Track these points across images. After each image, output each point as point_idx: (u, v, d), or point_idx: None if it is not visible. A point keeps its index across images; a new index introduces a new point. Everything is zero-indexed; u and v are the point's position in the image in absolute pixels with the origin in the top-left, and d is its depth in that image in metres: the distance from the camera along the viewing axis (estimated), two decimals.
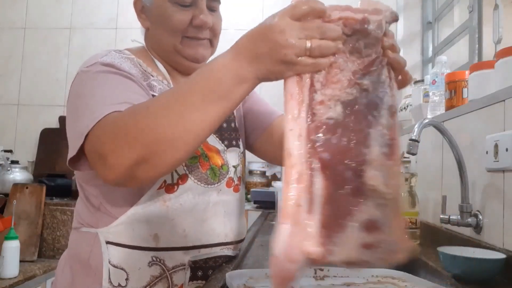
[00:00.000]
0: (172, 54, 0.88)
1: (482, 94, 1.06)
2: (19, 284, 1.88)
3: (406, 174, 1.29)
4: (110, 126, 0.63)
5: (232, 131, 0.94)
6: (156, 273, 0.79)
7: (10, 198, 2.21)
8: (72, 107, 0.77)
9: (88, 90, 0.73)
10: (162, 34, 0.86)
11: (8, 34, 3.24)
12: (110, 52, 0.82)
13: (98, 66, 0.76)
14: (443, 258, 0.88)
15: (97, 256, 0.79)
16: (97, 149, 0.64)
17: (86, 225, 0.83)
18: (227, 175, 0.88)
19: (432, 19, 1.97)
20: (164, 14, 0.84)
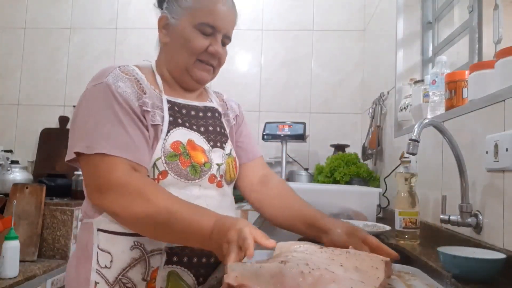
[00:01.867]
0: (182, 72, 1.02)
1: (482, 94, 1.06)
2: (19, 284, 1.88)
3: (406, 174, 1.30)
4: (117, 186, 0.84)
5: (218, 134, 1.07)
6: (136, 256, 0.90)
7: (10, 198, 2.21)
8: (77, 122, 0.91)
9: (93, 113, 0.89)
10: (179, 52, 1.00)
11: (8, 34, 3.24)
12: (115, 69, 0.95)
13: (102, 88, 0.90)
14: (443, 258, 0.88)
15: (90, 242, 0.92)
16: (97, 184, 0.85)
17: (86, 217, 0.95)
18: (209, 172, 0.99)
19: (432, 19, 1.97)
20: (186, 37, 0.99)
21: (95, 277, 0.90)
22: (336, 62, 3.01)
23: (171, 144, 0.94)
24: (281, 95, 3.02)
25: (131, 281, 0.89)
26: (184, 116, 1.01)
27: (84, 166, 0.88)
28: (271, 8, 3.09)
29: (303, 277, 0.61)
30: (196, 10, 0.99)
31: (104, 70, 0.95)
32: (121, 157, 0.85)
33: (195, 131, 1.00)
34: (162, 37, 1.03)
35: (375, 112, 2.26)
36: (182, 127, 0.98)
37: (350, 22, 3.02)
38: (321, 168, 2.34)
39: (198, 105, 1.06)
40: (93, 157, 0.85)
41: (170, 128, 0.95)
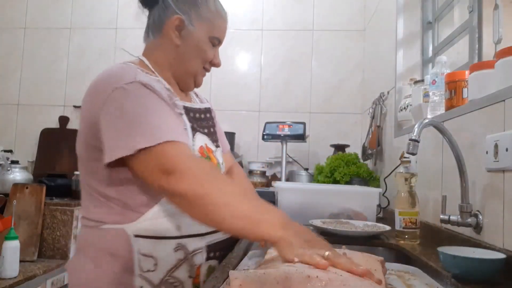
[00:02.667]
0: (189, 76, 1.07)
1: (482, 94, 1.06)
2: (19, 284, 1.88)
3: (406, 174, 1.30)
4: (192, 165, 0.83)
5: (215, 134, 1.13)
6: (180, 257, 0.93)
7: (10, 198, 2.21)
8: (119, 121, 0.87)
9: (135, 110, 0.87)
10: (192, 59, 1.05)
11: (8, 34, 3.24)
12: (136, 70, 0.94)
13: (140, 86, 0.90)
14: (443, 258, 0.88)
15: (125, 247, 0.90)
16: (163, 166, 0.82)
17: (110, 222, 0.93)
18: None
19: (432, 19, 1.96)
20: (202, 46, 1.04)
21: (139, 282, 0.90)
22: (336, 62, 3.01)
23: (198, 149, 1.00)
24: (281, 95, 3.02)
25: (178, 280, 0.93)
26: (196, 121, 1.05)
27: (146, 157, 0.83)
28: (271, 8, 3.09)
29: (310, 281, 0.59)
30: (214, 24, 1.05)
31: (124, 70, 0.93)
32: (183, 143, 0.87)
33: (204, 134, 1.06)
34: (173, 38, 1.03)
35: (375, 112, 2.26)
36: (198, 132, 1.03)
37: (350, 22, 3.02)
38: (321, 168, 2.34)
39: (200, 108, 1.10)
40: (156, 147, 0.83)
41: (193, 133, 1.00)
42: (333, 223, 1.47)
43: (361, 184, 2.11)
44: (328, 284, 0.59)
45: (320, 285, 0.59)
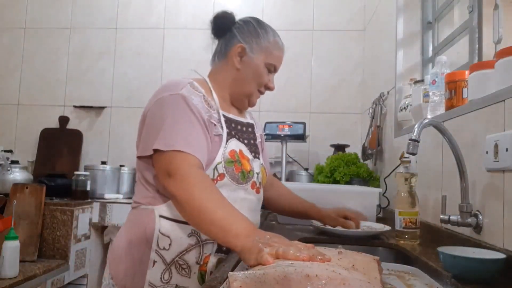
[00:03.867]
0: (244, 97, 1.22)
1: (482, 94, 1.06)
2: (19, 284, 1.88)
3: (406, 174, 1.29)
4: (186, 174, 0.96)
5: (255, 147, 1.27)
6: (192, 242, 1.06)
7: (10, 198, 2.21)
8: (152, 124, 1.06)
9: (170, 117, 1.04)
10: (249, 82, 1.21)
11: (8, 34, 3.24)
12: (186, 85, 1.10)
13: (179, 98, 1.06)
14: (443, 258, 0.88)
15: (150, 226, 1.06)
16: (168, 169, 0.98)
17: (145, 204, 1.09)
18: (252, 179, 1.16)
19: (432, 19, 1.96)
20: (259, 72, 1.20)
21: (154, 257, 1.04)
22: (336, 62, 3.01)
23: (229, 152, 1.11)
24: (281, 95, 3.02)
25: (186, 262, 1.05)
26: (234, 130, 1.18)
27: (159, 158, 1.01)
28: (271, 8, 3.09)
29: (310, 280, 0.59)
30: (271, 52, 1.21)
31: (176, 83, 1.10)
32: (192, 154, 0.99)
33: (242, 143, 1.18)
34: (235, 62, 1.20)
35: (375, 112, 2.26)
36: (235, 139, 1.16)
37: (350, 22, 3.02)
38: (321, 168, 2.34)
39: (243, 121, 1.25)
40: (169, 152, 0.99)
41: (227, 139, 1.13)
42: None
43: (361, 184, 2.11)
44: (328, 283, 0.59)
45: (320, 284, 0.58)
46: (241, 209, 1.01)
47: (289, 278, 0.59)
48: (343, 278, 0.60)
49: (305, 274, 0.59)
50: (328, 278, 0.59)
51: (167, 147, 0.99)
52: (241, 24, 1.25)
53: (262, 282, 0.58)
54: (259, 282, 0.58)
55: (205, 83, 1.19)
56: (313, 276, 0.59)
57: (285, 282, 0.58)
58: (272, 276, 0.59)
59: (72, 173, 2.55)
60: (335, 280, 0.59)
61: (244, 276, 0.60)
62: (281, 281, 0.58)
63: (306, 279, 0.59)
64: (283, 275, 0.59)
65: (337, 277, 0.60)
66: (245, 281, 0.58)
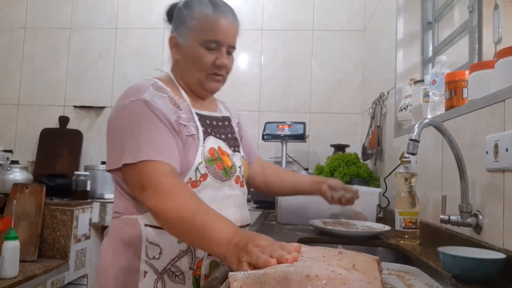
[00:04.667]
0: (195, 85, 1.15)
1: (482, 94, 1.06)
2: (19, 284, 1.88)
3: (406, 174, 1.29)
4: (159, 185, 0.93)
5: (234, 140, 1.22)
6: (183, 248, 1.03)
7: (10, 198, 2.21)
8: (115, 136, 1.03)
9: (133, 126, 0.99)
10: (191, 69, 1.13)
11: (8, 34, 3.24)
12: (149, 88, 1.05)
13: (141, 104, 1.01)
14: (443, 258, 0.88)
15: (137, 236, 1.02)
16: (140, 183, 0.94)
17: (127, 214, 1.05)
18: (235, 174, 1.14)
19: (432, 19, 1.96)
20: (194, 54, 1.11)
21: (144, 267, 1.02)
22: (336, 62, 3.01)
23: (208, 150, 1.08)
24: (281, 95, 3.02)
25: (179, 269, 1.03)
26: (210, 127, 1.15)
27: (129, 171, 0.97)
28: (271, 8, 3.09)
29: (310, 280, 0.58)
30: (200, 29, 1.10)
31: (138, 87, 1.05)
32: (162, 162, 0.96)
33: (220, 139, 1.15)
34: (173, 55, 1.16)
35: (375, 112, 2.26)
36: (212, 136, 1.12)
37: (350, 22, 3.02)
38: (321, 168, 2.34)
39: (218, 116, 1.21)
40: (138, 164, 0.95)
41: (205, 137, 1.09)
42: (333, 223, 1.47)
43: (361, 184, 2.11)
44: (328, 283, 0.59)
45: (320, 284, 0.58)
46: (227, 206, 1.01)
47: (289, 278, 0.59)
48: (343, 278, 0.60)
49: (305, 274, 0.59)
50: (328, 278, 0.59)
51: (134, 159, 0.95)
52: (175, 13, 1.17)
53: (262, 282, 0.58)
54: (259, 282, 0.58)
55: (171, 81, 1.16)
56: (313, 276, 0.59)
57: (285, 282, 0.58)
58: (272, 276, 0.59)
59: (72, 173, 2.55)
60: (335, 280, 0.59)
61: (244, 276, 0.60)
62: (281, 281, 0.58)
63: (306, 279, 0.59)
64: (283, 275, 0.59)
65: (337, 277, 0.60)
66: (245, 281, 0.58)
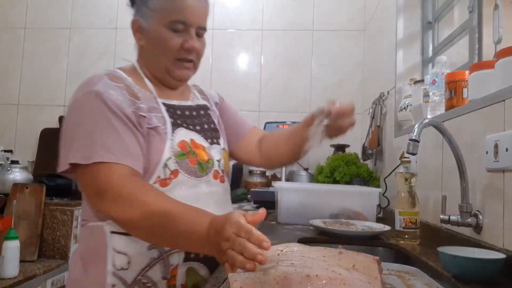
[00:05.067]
0: (163, 73, 1.03)
1: (482, 94, 1.06)
2: (19, 284, 1.88)
3: (406, 174, 1.30)
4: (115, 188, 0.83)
5: (212, 131, 1.10)
6: (154, 256, 0.91)
7: (10, 198, 2.21)
8: (67, 133, 0.91)
9: (84, 121, 0.89)
10: (156, 55, 1.01)
11: (8, 34, 3.24)
12: (103, 78, 0.94)
13: (93, 97, 0.90)
14: (443, 258, 0.88)
15: (102, 245, 0.91)
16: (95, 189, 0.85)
17: (92, 220, 0.95)
18: (213, 168, 1.03)
19: (432, 19, 1.96)
20: (159, 38, 0.99)
21: (111, 280, 0.90)
22: (336, 62, 3.01)
23: (178, 143, 0.97)
24: (281, 95, 3.02)
25: (151, 280, 0.91)
26: (180, 117, 1.03)
27: (81, 175, 0.87)
28: (271, 8, 3.09)
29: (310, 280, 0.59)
30: (164, 9, 0.99)
31: (91, 78, 0.94)
32: (118, 164, 0.85)
33: (193, 130, 1.03)
34: (137, 41, 1.05)
35: (375, 112, 2.26)
36: (182, 127, 1.00)
37: (350, 22, 3.01)
38: (321, 168, 2.34)
39: (191, 105, 1.09)
40: (91, 166, 0.84)
41: (173, 129, 0.98)
42: (333, 223, 1.47)
43: (361, 184, 2.11)
44: (328, 283, 0.59)
45: (320, 284, 0.58)
46: (206, 205, 0.88)
47: (289, 278, 0.59)
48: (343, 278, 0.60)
49: (305, 274, 0.59)
50: (328, 278, 0.59)
51: (87, 160, 0.84)
52: None
53: (262, 282, 0.58)
54: (259, 282, 0.58)
55: (134, 71, 1.05)
56: (313, 276, 0.59)
57: (285, 282, 0.58)
58: (272, 277, 0.59)
59: None
60: (335, 280, 0.59)
61: (245, 276, 0.60)
62: (281, 281, 0.58)
63: (306, 279, 0.59)
64: (283, 275, 0.59)
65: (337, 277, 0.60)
66: (245, 281, 0.58)
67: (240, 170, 2.80)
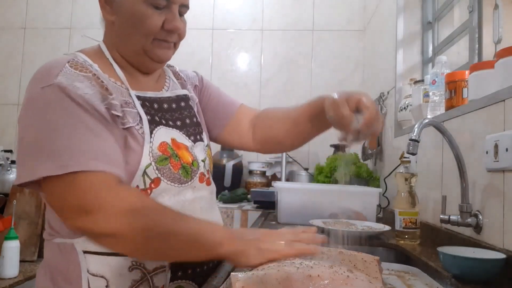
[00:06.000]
0: (138, 54, 0.87)
1: (482, 94, 1.06)
2: (19, 284, 1.88)
3: (406, 174, 1.30)
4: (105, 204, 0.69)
5: (195, 126, 0.96)
6: (137, 277, 0.79)
7: (10, 198, 2.21)
8: (26, 136, 0.74)
9: (48, 124, 0.72)
10: (131, 34, 0.84)
11: (8, 34, 3.24)
12: (64, 66, 0.77)
13: (55, 92, 0.73)
14: (443, 258, 0.88)
15: (75, 266, 0.78)
16: (78, 205, 0.69)
17: (59, 236, 0.80)
18: (198, 171, 0.90)
19: (432, 19, 1.96)
20: (136, 14, 0.82)
21: None
22: (336, 62, 3.01)
23: (159, 146, 0.82)
24: (281, 95, 3.02)
25: None
26: (158, 112, 0.88)
27: (55, 187, 0.70)
28: (271, 8, 3.09)
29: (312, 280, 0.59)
30: None
31: (50, 67, 0.77)
32: (102, 172, 0.70)
33: (173, 127, 0.89)
34: (105, 15, 0.86)
35: None
36: (161, 126, 0.86)
37: (350, 22, 3.01)
38: (321, 168, 2.34)
39: (170, 96, 0.94)
40: (67, 176, 0.68)
41: (151, 129, 0.82)
42: (333, 223, 1.47)
43: (361, 184, 2.11)
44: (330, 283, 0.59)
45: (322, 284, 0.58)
46: (192, 213, 0.78)
47: (291, 278, 0.59)
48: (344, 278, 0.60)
49: (307, 274, 0.59)
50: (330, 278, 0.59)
51: (62, 170, 0.68)
52: None
53: (264, 282, 0.58)
54: (261, 282, 0.58)
55: (100, 53, 0.87)
56: (315, 276, 0.59)
57: (287, 282, 0.58)
58: (274, 277, 0.59)
59: None
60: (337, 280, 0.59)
61: (246, 276, 0.60)
62: (283, 281, 0.58)
63: (308, 279, 0.59)
64: (285, 275, 0.59)
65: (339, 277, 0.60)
66: (247, 281, 0.58)
67: (240, 170, 2.80)
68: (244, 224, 2.14)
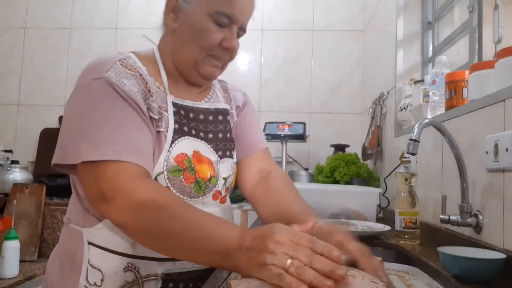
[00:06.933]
0: (189, 66, 0.89)
1: (482, 94, 1.06)
2: (19, 284, 1.88)
3: (406, 174, 1.30)
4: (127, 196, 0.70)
5: (227, 141, 0.95)
6: (129, 279, 0.81)
7: (10, 198, 2.21)
8: (73, 122, 0.78)
9: (92, 113, 0.76)
10: (189, 44, 0.87)
11: (8, 34, 3.24)
12: (116, 63, 0.82)
13: (104, 85, 0.78)
14: (443, 258, 0.88)
15: (80, 254, 0.83)
16: (101, 191, 0.71)
17: (74, 223, 0.86)
18: (214, 188, 0.88)
19: (432, 19, 1.96)
20: (199, 27, 0.85)
21: None
22: (336, 62, 3.01)
23: (176, 157, 0.83)
24: (281, 95, 3.02)
25: None
26: (191, 122, 0.89)
27: (87, 172, 0.74)
28: (271, 8, 3.09)
29: None
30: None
31: (102, 62, 0.82)
32: (131, 163, 0.73)
33: (202, 140, 0.89)
34: (169, 22, 0.89)
35: (375, 112, 2.26)
36: (188, 136, 0.86)
37: (350, 22, 3.02)
38: (321, 168, 2.34)
39: (208, 108, 0.94)
40: (97, 165, 0.72)
41: (174, 138, 0.84)
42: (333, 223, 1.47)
43: (361, 184, 2.11)
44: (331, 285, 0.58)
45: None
46: None
47: None
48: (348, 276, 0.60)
49: None
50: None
51: (95, 156, 0.72)
52: None
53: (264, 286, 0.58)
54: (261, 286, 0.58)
55: (151, 58, 0.91)
56: None
57: None
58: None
59: None
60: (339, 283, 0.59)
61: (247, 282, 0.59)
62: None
63: None
64: None
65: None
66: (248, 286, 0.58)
67: None
68: (244, 224, 2.14)
